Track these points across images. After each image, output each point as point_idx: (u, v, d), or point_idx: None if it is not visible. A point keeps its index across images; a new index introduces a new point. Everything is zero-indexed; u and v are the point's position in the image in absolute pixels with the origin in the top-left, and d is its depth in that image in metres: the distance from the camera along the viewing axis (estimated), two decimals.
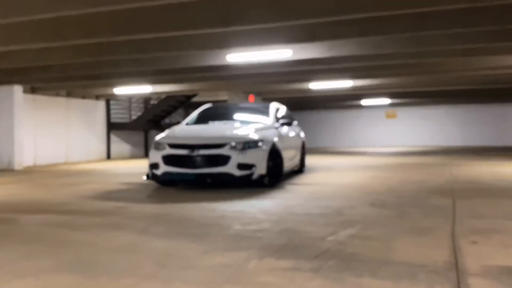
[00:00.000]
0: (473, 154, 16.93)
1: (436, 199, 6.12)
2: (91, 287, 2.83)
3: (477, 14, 6.56)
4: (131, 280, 2.94)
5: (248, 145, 7.17)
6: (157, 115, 18.66)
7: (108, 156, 17.47)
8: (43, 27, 7.23)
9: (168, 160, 7.29)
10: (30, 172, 11.75)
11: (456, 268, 3.07)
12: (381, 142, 26.48)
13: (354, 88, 15.74)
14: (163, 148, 7.38)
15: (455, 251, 3.50)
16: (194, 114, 9.17)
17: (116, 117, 18.30)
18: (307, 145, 11.50)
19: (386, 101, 21.89)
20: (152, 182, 8.08)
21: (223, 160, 7.07)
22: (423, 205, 5.73)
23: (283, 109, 9.82)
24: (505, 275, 2.91)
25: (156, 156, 7.42)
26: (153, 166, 7.47)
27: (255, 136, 7.34)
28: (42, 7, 5.82)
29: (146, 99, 19.62)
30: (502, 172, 9.63)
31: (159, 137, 7.75)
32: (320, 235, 4.10)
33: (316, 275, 2.97)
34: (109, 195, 7.00)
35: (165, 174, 7.35)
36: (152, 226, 4.65)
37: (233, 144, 7.11)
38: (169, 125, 17.91)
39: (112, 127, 17.69)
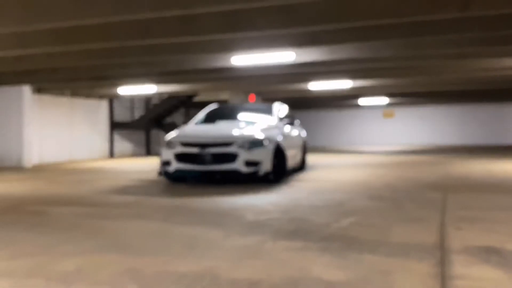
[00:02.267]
0: (467, 152, 17.57)
1: (429, 193, 6.73)
2: (135, 263, 3.39)
3: (468, 23, 7.11)
4: (167, 258, 3.52)
5: (255, 143, 7.75)
6: (159, 114, 19.18)
7: (111, 155, 18.03)
8: (60, 33, 7.72)
9: (180, 157, 7.88)
10: (39, 170, 12.30)
11: (442, 248, 3.66)
12: (379, 141, 27.10)
13: (353, 89, 16.29)
14: (175, 147, 7.95)
15: (442, 235, 4.09)
16: (202, 114, 9.76)
17: (119, 117, 18.83)
18: (308, 144, 12.06)
19: (384, 100, 22.46)
20: (162, 179, 8.67)
21: (231, 157, 7.66)
22: (417, 198, 6.33)
23: (285, 109, 10.39)
24: (482, 252, 3.50)
25: (168, 154, 8.00)
26: (165, 163, 8.05)
27: (261, 135, 7.92)
28: (65, 16, 6.33)
29: (147, 99, 20.15)
30: (493, 170, 10.25)
31: (170, 136, 8.32)
32: (324, 222, 4.70)
33: (324, 253, 3.55)
34: (125, 190, 7.57)
35: (177, 171, 7.94)
36: (172, 216, 5.23)
37: (241, 142, 7.70)
38: (170, 125, 18.51)
39: (115, 126, 18.25)
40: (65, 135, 15.88)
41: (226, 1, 5.50)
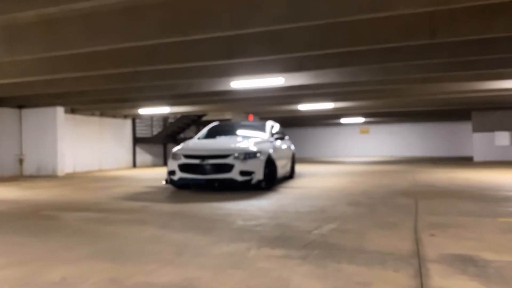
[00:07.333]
0: (431, 163, 16.95)
1: (401, 200, 6.13)
2: (121, 272, 2.82)
3: (434, 49, 6.60)
4: (154, 265, 2.95)
5: (249, 155, 7.19)
6: (173, 131, 18.66)
7: (134, 165, 17.44)
8: (80, 59, 7.23)
9: (183, 168, 7.30)
10: (70, 178, 11.73)
11: (418, 256, 3.08)
12: (356, 153, 26.48)
13: (335, 109, 15.79)
14: (179, 158, 7.39)
15: (416, 242, 3.51)
16: (204, 130, 9.19)
17: (140, 133, 18.31)
18: (296, 156, 11.48)
19: (361, 119, 21.95)
20: (170, 186, 8.09)
21: (228, 168, 7.09)
22: (390, 204, 5.73)
23: (276, 126, 9.83)
24: (457, 261, 2.92)
25: (173, 164, 7.43)
26: (171, 173, 7.48)
27: (254, 148, 7.36)
28: (80, 43, 5.82)
29: (164, 118, 19.64)
30: (454, 178, 9.65)
31: (175, 149, 7.76)
32: (307, 228, 4.11)
33: (304, 261, 2.98)
34: (135, 196, 7.00)
35: (181, 179, 7.36)
36: (171, 222, 4.65)
37: (236, 155, 7.14)
38: (183, 139, 17.93)
39: (137, 141, 17.68)
40: (95, 148, 15.29)
41: (220, 27, 4.98)
